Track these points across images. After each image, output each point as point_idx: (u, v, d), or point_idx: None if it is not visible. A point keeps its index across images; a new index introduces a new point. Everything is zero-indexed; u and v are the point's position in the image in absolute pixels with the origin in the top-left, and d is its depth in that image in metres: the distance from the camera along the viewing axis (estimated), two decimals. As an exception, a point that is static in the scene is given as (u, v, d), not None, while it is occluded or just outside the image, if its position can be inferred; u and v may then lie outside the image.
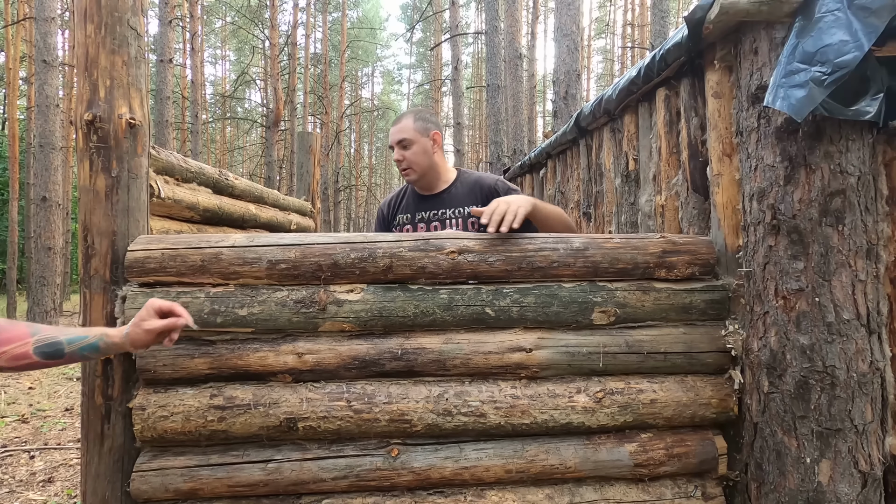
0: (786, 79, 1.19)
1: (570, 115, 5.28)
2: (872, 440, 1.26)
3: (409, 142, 1.88)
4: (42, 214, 7.10)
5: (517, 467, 1.39)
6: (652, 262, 1.47)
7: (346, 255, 1.41)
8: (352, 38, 25.05)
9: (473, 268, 1.44)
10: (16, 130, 11.41)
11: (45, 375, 5.84)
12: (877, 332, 1.28)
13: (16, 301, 10.80)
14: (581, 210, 2.89)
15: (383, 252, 1.41)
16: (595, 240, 1.49)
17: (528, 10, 18.72)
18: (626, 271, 1.47)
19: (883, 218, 1.33)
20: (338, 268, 1.41)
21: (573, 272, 1.46)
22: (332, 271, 1.41)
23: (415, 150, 1.87)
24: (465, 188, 1.92)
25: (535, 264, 1.45)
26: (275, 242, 1.43)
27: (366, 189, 29.75)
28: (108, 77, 1.40)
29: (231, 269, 1.39)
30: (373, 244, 1.43)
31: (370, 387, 1.39)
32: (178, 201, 1.84)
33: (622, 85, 2.05)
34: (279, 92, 14.65)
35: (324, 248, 1.42)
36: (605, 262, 1.46)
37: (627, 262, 1.47)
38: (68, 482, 3.07)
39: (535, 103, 18.09)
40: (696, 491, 1.44)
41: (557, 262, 1.45)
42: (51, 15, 7.26)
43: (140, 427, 1.34)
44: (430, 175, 1.93)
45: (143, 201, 1.47)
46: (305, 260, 1.40)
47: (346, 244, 1.43)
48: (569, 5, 6.72)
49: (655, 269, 1.47)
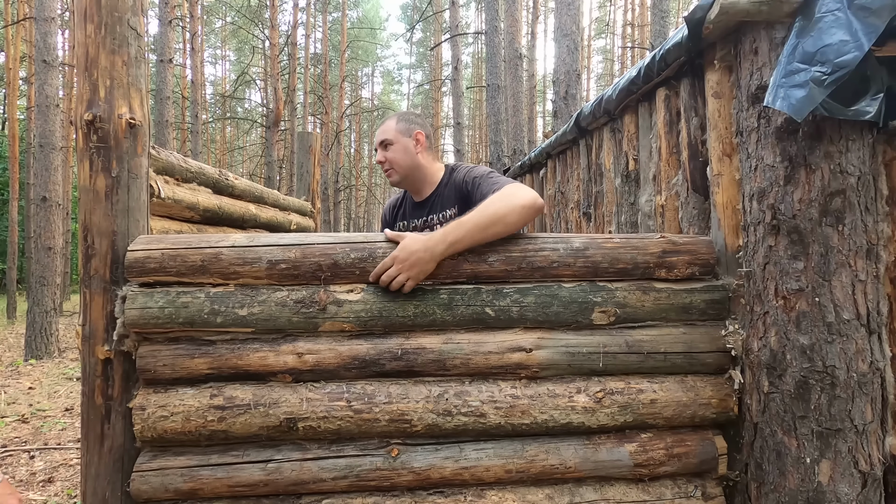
0: (786, 79, 1.19)
1: (570, 115, 5.28)
2: (872, 440, 1.26)
3: (389, 142, 1.85)
4: (42, 214, 7.10)
5: (517, 467, 1.39)
6: (652, 262, 1.47)
7: (346, 256, 1.41)
8: (352, 38, 25.06)
9: (473, 267, 1.44)
10: (16, 130, 11.42)
11: (45, 375, 5.85)
12: (877, 332, 1.28)
13: (16, 301, 10.80)
14: (581, 210, 2.89)
15: (383, 252, 1.41)
16: (595, 240, 1.49)
17: (528, 10, 18.72)
18: (626, 271, 1.47)
19: (883, 218, 1.33)
20: (338, 268, 1.41)
21: (573, 272, 1.46)
22: (333, 271, 1.41)
23: (395, 149, 1.84)
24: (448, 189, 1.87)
25: (535, 264, 1.45)
26: (275, 242, 1.42)
27: (366, 189, 29.76)
28: (108, 77, 1.40)
29: (231, 269, 1.39)
30: (373, 244, 1.43)
31: (370, 387, 1.39)
32: (178, 201, 1.84)
33: (622, 85, 2.05)
34: (279, 92, 14.66)
35: (324, 248, 1.42)
36: (605, 261, 1.46)
37: (627, 262, 1.47)
38: (68, 482, 3.07)
39: (535, 103, 18.09)
40: (696, 491, 1.44)
41: (557, 262, 1.45)
42: (51, 15, 7.26)
43: (140, 427, 1.34)
44: (414, 176, 1.88)
45: (143, 201, 1.47)
46: (305, 260, 1.40)
47: (346, 244, 1.43)
48: (569, 5, 6.72)
49: (655, 269, 1.47)
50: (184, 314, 1.35)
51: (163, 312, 1.34)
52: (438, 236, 1.40)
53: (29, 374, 5.94)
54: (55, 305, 7.11)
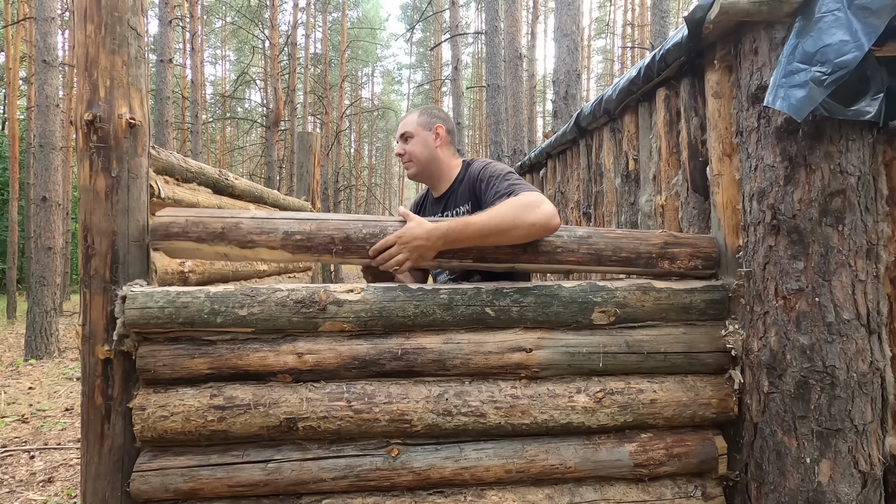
0: (786, 79, 1.19)
1: (570, 115, 5.28)
2: (872, 440, 1.26)
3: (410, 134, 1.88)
4: (42, 214, 7.09)
5: (517, 467, 1.39)
6: (655, 252, 1.50)
7: (358, 231, 1.46)
8: (352, 38, 25.05)
9: (480, 249, 1.47)
10: (16, 130, 11.42)
11: (45, 375, 5.85)
12: (877, 332, 1.28)
13: (16, 301, 10.80)
14: (581, 210, 2.89)
15: (393, 230, 1.45)
16: (598, 230, 1.52)
17: (528, 10, 18.72)
18: (630, 260, 1.49)
19: (883, 218, 1.33)
20: (350, 242, 1.45)
21: (577, 258, 1.49)
22: (344, 245, 1.45)
23: (415, 142, 1.87)
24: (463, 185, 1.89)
25: (540, 249, 1.47)
26: (292, 217, 1.49)
27: (366, 189, 29.75)
28: (108, 77, 1.40)
29: (248, 238, 1.43)
30: (384, 223, 1.48)
31: (370, 387, 1.39)
32: (178, 201, 1.84)
33: (622, 85, 2.05)
34: (279, 92, 14.65)
35: (338, 223, 1.47)
36: (608, 249, 1.49)
37: (630, 252, 1.49)
38: (68, 482, 3.07)
39: (535, 103, 18.09)
40: (696, 491, 1.44)
41: (562, 247, 1.48)
42: (51, 15, 7.26)
43: (140, 427, 1.34)
44: (431, 170, 1.89)
45: (143, 201, 1.47)
46: (319, 233, 1.45)
47: (359, 221, 1.49)
48: (569, 5, 6.72)
49: (658, 259, 1.50)
50: (184, 314, 1.35)
51: (163, 312, 1.34)
52: (441, 231, 1.42)
53: (29, 374, 5.94)
54: (55, 305, 7.11)
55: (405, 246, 1.41)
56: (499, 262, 1.48)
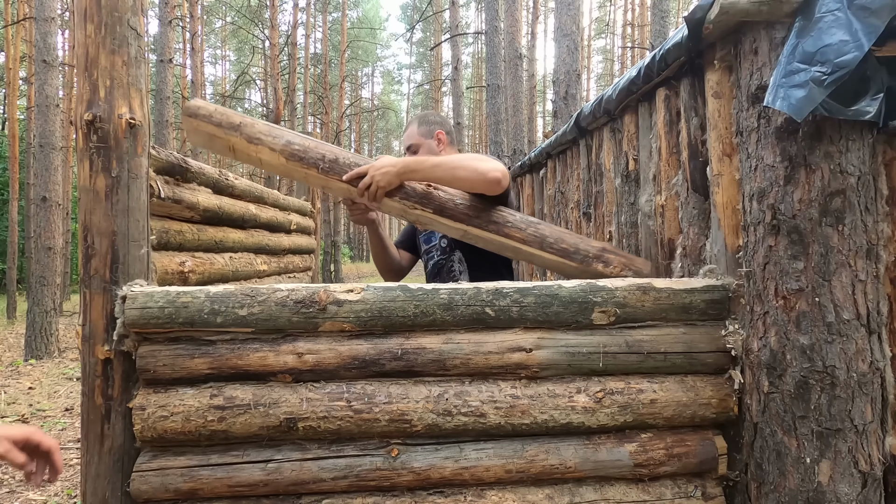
0: (786, 79, 1.19)
1: (570, 115, 5.28)
2: (872, 440, 1.26)
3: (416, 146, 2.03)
4: (42, 214, 7.09)
5: (517, 467, 1.39)
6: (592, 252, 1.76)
7: (346, 158, 1.73)
8: (352, 38, 25.04)
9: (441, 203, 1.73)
10: (16, 130, 11.42)
11: (45, 375, 5.85)
12: (877, 332, 1.28)
13: (16, 301, 10.80)
14: (581, 210, 2.89)
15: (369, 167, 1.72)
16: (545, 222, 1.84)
17: (528, 10, 18.72)
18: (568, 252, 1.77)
19: (883, 218, 1.33)
20: (336, 164, 1.71)
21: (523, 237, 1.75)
22: (331, 165, 1.71)
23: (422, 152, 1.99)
24: None
25: (492, 219, 1.73)
26: (296, 133, 1.76)
27: (366, 189, 29.66)
28: (108, 77, 1.40)
29: (257, 136, 1.69)
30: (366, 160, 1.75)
31: (370, 387, 1.39)
32: (178, 201, 1.84)
33: (622, 85, 2.05)
34: (279, 92, 14.66)
35: (332, 149, 1.75)
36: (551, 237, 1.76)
37: (570, 245, 1.75)
38: (68, 482, 3.07)
39: (535, 103, 18.08)
40: (696, 491, 1.44)
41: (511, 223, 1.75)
42: (51, 15, 7.26)
43: (140, 427, 1.34)
44: None
45: (143, 201, 1.47)
46: (315, 150, 1.70)
47: (349, 153, 1.77)
48: (569, 5, 6.72)
49: (594, 259, 1.76)
50: (184, 314, 1.35)
51: (163, 312, 1.34)
52: (403, 161, 1.71)
53: (29, 374, 5.94)
54: (55, 305, 7.11)
55: (377, 172, 1.65)
56: (454, 219, 1.71)
